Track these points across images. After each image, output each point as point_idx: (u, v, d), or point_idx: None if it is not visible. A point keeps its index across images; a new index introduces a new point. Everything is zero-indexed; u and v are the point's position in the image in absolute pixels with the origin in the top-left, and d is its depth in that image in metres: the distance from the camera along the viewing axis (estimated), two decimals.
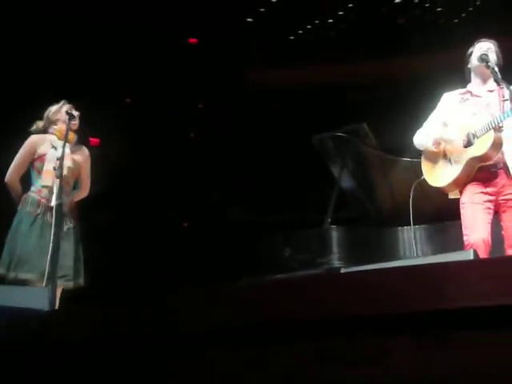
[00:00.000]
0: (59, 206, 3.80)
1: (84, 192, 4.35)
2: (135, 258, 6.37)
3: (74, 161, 4.17)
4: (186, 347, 1.59)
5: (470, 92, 3.67)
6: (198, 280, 5.55)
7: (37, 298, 2.87)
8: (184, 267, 6.24)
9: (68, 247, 4.01)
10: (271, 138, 7.19)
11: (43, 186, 4.03)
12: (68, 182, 4.14)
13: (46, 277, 3.74)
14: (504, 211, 3.48)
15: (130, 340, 1.65)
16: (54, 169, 3.91)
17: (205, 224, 7.21)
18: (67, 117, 4.08)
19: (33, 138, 4.19)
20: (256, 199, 7.15)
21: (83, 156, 4.31)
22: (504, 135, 3.42)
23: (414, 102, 5.12)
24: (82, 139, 4.40)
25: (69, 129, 4.09)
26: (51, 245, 3.74)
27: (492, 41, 3.71)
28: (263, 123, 7.32)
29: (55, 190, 3.88)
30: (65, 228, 4.02)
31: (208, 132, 7.65)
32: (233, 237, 6.16)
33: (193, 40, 7.76)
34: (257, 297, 1.61)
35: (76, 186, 4.31)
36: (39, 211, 4.00)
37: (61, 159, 3.90)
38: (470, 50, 3.71)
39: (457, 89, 3.75)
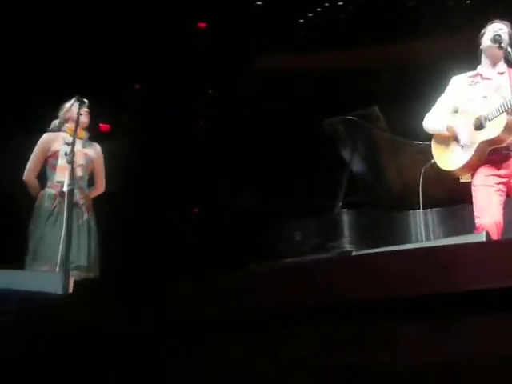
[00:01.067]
0: (71, 191, 3.87)
1: (100, 188, 4.50)
2: (144, 245, 6.40)
3: (85, 156, 4.30)
4: (195, 333, 1.60)
5: (481, 75, 3.64)
6: (208, 265, 5.57)
7: (49, 283, 2.89)
8: (194, 252, 6.26)
9: (82, 239, 4.15)
10: (281, 124, 7.17)
11: (58, 182, 4.13)
12: (81, 177, 4.25)
13: (58, 262, 3.79)
14: None
15: (138, 326, 1.66)
16: (68, 163, 4.00)
17: (215, 210, 7.23)
18: (77, 107, 4.15)
19: (45, 137, 4.34)
20: (267, 184, 7.15)
21: (95, 152, 4.44)
22: None
23: (423, 85, 5.08)
24: (93, 135, 4.50)
25: (79, 114, 4.14)
26: (64, 230, 3.80)
27: (505, 22, 3.67)
28: (273, 108, 7.30)
29: (67, 176, 3.94)
30: (80, 221, 4.14)
31: (218, 118, 7.63)
32: (244, 222, 6.17)
33: (202, 24, 7.73)
34: (266, 282, 1.60)
35: (91, 183, 4.41)
36: (56, 204, 4.13)
37: (72, 144, 3.97)
38: (483, 32, 3.67)
39: (466, 72, 3.72)
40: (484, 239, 2.20)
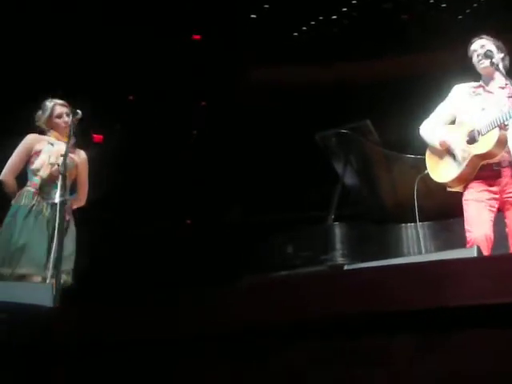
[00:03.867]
0: (62, 203, 3.76)
1: (81, 199, 4.29)
2: (135, 257, 6.37)
3: (70, 159, 4.13)
4: (188, 348, 1.59)
5: (483, 87, 3.64)
6: (200, 279, 5.55)
7: (40, 294, 2.86)
8: (186, 265, 6.24)
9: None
10: (274, 136, 7.18)
11: (36, 175, 4.01)
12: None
13: (49, 275, 3.71)
14: (508, 209, 3.47)
15: (130, 341, 1.65)
16: (50, 163, 3.92)
17: (207, 222, 7.21)
18: (65, 121, 4.09)
19: (30, 137, 4.17)
20: (259, 196, 7.15)
21: (80, 158, 4.26)
22: (509, 133, 3.40)
23: (418, 98, 5.11)
24: (81, 142, 4.39)
25: (73, 123, 4.07)
26: (54, 244, 3.69)
27: (485, 36, 3.67)
28: (266, 121, 7.31)
29: (59, 188, 3.84)
30: (57, 222, 3.90)
31: (210, 130, 7.64)
32: (236, 234, 6.16)
33: (196, 37, 7.75)
34: (259, 295, 1.60)
35: (73, 191, 4.25)
36: (34, 202, 3.96)
37: (64, 156, 3.88)
38: (468, 53, 3.68)
39: (466, 82, 3.72)
40: (475, 254, 2.21)
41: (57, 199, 3.81)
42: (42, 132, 4.23)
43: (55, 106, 4.20)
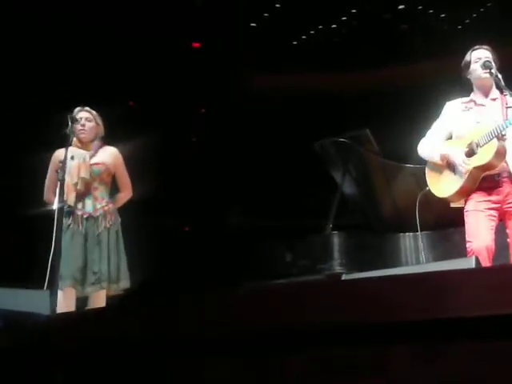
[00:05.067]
0: (60, 209, 3.79)
1: (126, 192, 4.32)
2: (134, 263, 6.35)
3: (96, 166, 4.15)
4: (185, 356, 1.59)
5: (474, 101, 3.64)
6: (197, 286, 5.55)
7: (37, 301, 2.86)
8: (184, 273, 6.23)
9: (101, 252, 4.04)
10: (273, 144, 7.19)
11: (68, 196, 4.03)
12: (96, 188, 4.14)
13: (47, 279, 3.73)
14: (509, 219, 3.47)
15: (128, 347, 1.65)
16: (73, 184, 3.98)
17: (205, 229, 7.20)
18: (81, 124, 4.13)
19: (55, 154, 4.23)
20: (257, 204, 7.15)
21: (110, 157, 4.26)
22: (508, 144, 3.41)
23: (417, 108, 5.12)
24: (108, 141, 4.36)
25: (72, 132, 4.09)
26: (52, 248, 3.74)
27: (487, 47, 3.68)
28: (265, 129, 7.32)
29: (57, 194, 3.87)
30: (96, 233, 4.05)
31: (209, 137, 7.65)
32: (233, 242, 6.15)
33: (196, 44, 7.77)
34: (255, 304, 1.60)
35: (113, 193, 4.28)
36: (70, 221, 4.02)
37: (63, 162, 3.90)
38: (467, 59, 3.67)
39: (459, 97, 3.74)
40: (473, 265, 2.20)
41: (54, 205, 3.83)
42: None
43: (77, 112, 4.23)
